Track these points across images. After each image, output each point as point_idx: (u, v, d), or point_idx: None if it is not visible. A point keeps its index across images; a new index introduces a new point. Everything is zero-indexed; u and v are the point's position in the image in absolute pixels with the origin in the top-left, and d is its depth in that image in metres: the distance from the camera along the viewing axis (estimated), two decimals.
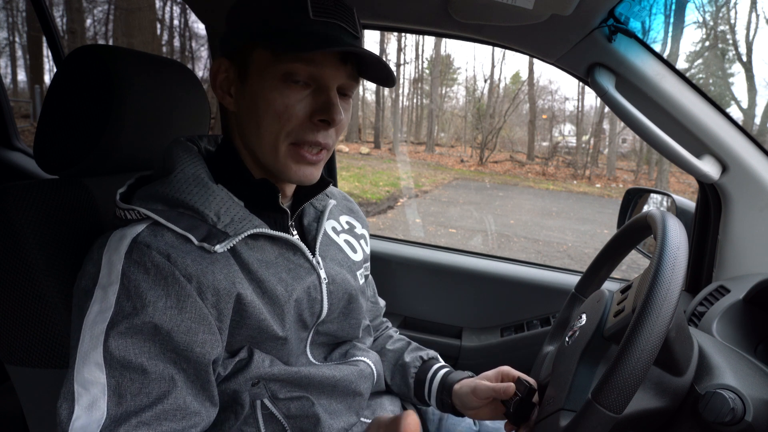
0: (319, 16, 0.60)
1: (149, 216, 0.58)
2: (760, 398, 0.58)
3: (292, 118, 0.61)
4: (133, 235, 0.57)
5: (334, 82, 0.62)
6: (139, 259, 0.55)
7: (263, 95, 0.61)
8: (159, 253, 0.55)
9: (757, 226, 0.99)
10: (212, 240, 0.59)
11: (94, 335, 0.53)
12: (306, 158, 0.63)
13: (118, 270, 0.54)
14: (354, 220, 0.87)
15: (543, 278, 1.40)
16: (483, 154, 12.43)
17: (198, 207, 0.60)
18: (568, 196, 9.64)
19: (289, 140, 0.62)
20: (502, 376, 0.77)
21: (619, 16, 0.92)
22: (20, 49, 10.12)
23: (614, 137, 11.98)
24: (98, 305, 0.54)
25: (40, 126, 0.72)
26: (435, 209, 7.48)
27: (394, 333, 0.97)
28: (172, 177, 0.62)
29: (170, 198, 0.60)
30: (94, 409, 0.51)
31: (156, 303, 0.54)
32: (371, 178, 9.16)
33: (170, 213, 0.59)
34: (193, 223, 0.59)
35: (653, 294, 0.50)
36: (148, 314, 0.53)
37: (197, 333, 0.56)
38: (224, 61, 0.65)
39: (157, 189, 0.61)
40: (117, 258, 0.55)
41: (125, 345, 0.53)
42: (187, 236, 0.58)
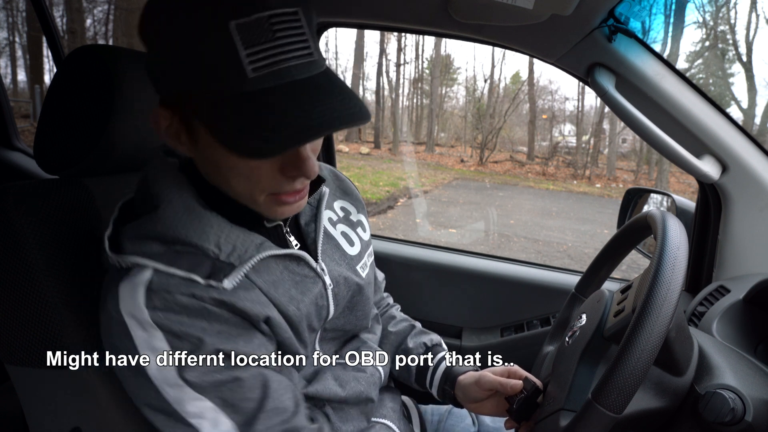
0: (259, 68, 0.47)
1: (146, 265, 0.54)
2: (760, 398, 0.58)
3: (263, 177, 0.54)
4: (144, 284, 0.53)
5: None
6: (163, 306, 0.53)
7: (223, 160, 0.53)
8: (182, 294, 0.53)
9: (757, 226, 0.99)
10: (218, 275, 0.56)
11: (171, 383, 0.53)
12: (288, 201, 0.58)
13: (149, 322, 0.52)
14: (348, 204, 0.81)
15: (543, 278, 1.40)
16: (483, 154, 12.43)
17: (196, 242, 0.56)
18: (568, 196, 9.64)
19: (266, 192, 0.56)
20: (509, 373, 0.76)
21: (619, 16, 0.92)
22: (20, 49, 10.12)
23: (614, 137, 11.98)
24: (153, 358, 0.52)
25: (40, 126, 0.72)
26: (435, 209, 7.48)
27: (396, 312, 0.95)
28: (161, 212, 0.56)
29: (165, 236, 0.55)
30: (220, 424, 0.54)
31: (205, 332, 0.54)
32: (371, 178, 9.16)
33: (168, 254, 0.55)
34: (195, 261, 0.55)
35: (653, 294, 0.50)
36: (205, 344, 0.53)
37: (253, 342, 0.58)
38: (163, 112, 0.55)
39: (146, 228, 0.56)
40: (139, 312, 0.52)
41: (204, 372, 0.53)
42: (191, 278, 0.54)
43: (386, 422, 0.79)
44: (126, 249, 0.55)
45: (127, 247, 0.55)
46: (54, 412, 0.69)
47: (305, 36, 0.50)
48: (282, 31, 0.48)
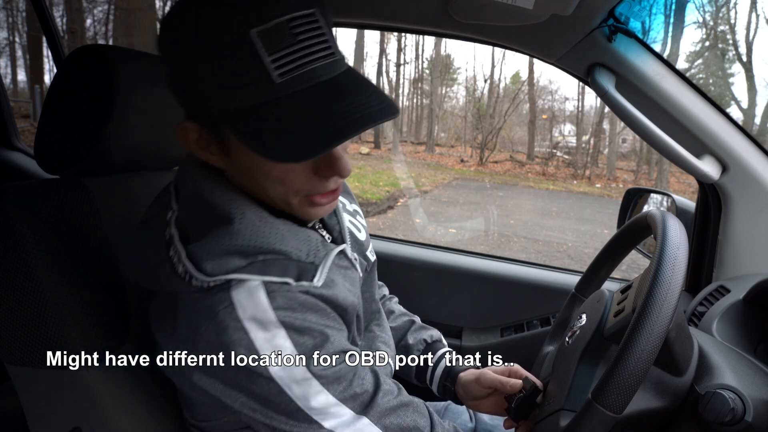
0: (286, 73, 0.47)
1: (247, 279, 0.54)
2: (760, 398, 0.58)
3: (296, 180, 0.54)
4: (260, 286, 0.54)
5: None
6: (285, 305, 0.54)
7: (255, 165, 0.53)
8: (300, 292, 0.56)
9: (757, 226, 0.99)
10: (307, 276, 0.57)
11: (298, 379, 0.54)
12: (321, 203, 0.58)
13: (273, 320, 0.53)
14: (344, 197, 0.82)
15: (543, 278, 1.40)
16: (483, 154, 12.43)
17: (279, 248, 0.56)
18: (568, 196, 9.64)
19: (301, 195, 0.56)
20: (510, 372, 0.77)
21: (619, 16, 0.92)
22: (20, 49, 10.12)
23: (614, 137, 11.98)
24: (276, 359, 0.53)
25: (41, 126, 0.72)
26: (435, 209, 7.48)
27: (395, 306, 0.95)
28: (237, 226, 0.55)
29: (246, 249, 0.54)
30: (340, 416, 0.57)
31: (324, 327, 0.57)
32: (371, 178, 9.16)
33: (256, 264, 0.54)
34: (282, 266, 0.56)
35: (653, 294, 0.51)
36: (329, 340, 0.57)
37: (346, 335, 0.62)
38: (191, 125, 0.55)
39: (225, 243, 0.54)
40: (264, 313, 0.53)
41: (328, 367, 0.56)
42: (286, 282, 0.56)
43: None
44: (209, 267, 0.53)
45: (210, 265, 0.53)
46: (54, 412, 0.69)
47: (325, 36, 0.50)
48: (303, 34, 0.48)
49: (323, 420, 0.56)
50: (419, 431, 0.62)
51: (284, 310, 0.54)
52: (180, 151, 0.89)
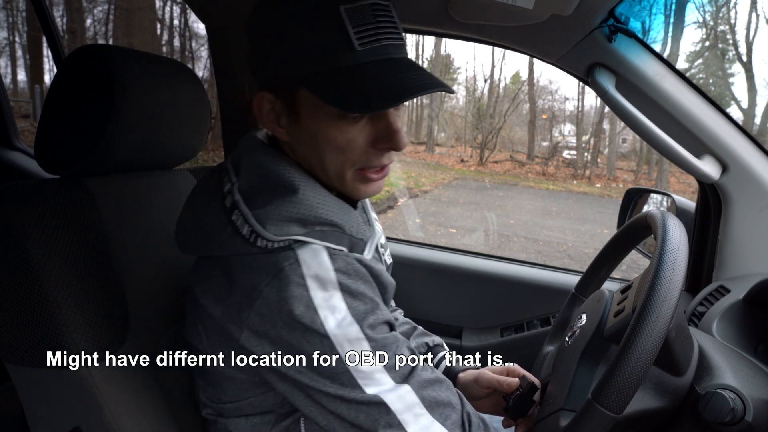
0: (365, 43, 0.55)
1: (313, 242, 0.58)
2: (760, 398, 0.58)
3: (356, 150, 0.60)
4: (322, 249, 0.58)
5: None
6: (344, 269, 0.58)
7: (321, 132, 0.59)
8: (354, 259, 0.60)
9: (757, 226, 0.99)
10: (357, 249, 0.62)
11: (351, 338, 0.56)
12: (372, 178, 0.63)
13: (333, 281, 0.57)
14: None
15: (543, 278, 1.40)
16: (483, 154, 12.43)
17: (336, 220, 0.60)
18: (568, 196, 9.64)
19: (355, 168, 0.61)
20: (508, 371, 0.78)
21: (619, 16, 0.92)
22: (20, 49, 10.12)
23: (614, 137, 11.98)
24: (332, 317, 0.56)
25: (41, 126, 0.72)
26: (435, 209, 7.48)
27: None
28: (300, 196, 0.59)
29: (307, 218, 0.59)
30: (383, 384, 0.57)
31: (374, 298, 0.60)
32: None
33: (312, 233, 0.59)
34: (338, 237, 0.61)
35: (653, 294, 0.51)
36: (379, 307, 0.60)
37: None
38: (267, 95, 0.61)
39: (288, 210, 0.58)
40: (326, 272, 0.57)
41: (378, 330, 0.59)
42: (342, 249, 0.60)
43: None
44: (272, 231, 0.58)
45: (272, 229, 0.58)
46: (54, 412, 0.69)
47: (396, 24, 0.59)
48: (380, 17, 0.57)
49: (366, 386, 0.57)
50: (452, 407, 0.62)
51: (342, 273, 0.57)
52: (180, 150, 0.89)
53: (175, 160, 0.90)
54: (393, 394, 0.57)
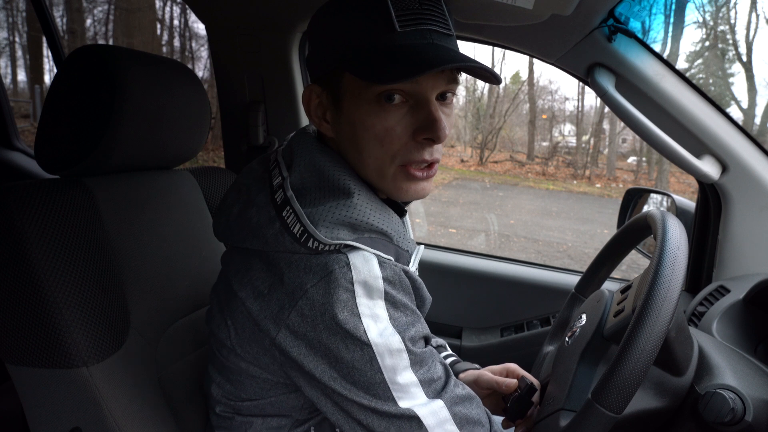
0: (406, 26, 0.55)
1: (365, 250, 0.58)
2: (760, 398, 0.58)
3: (395, 140, 0.58)
4: (374, 257, 0.57)
5: (433, 92, 0.58)
6: (392, 278, 0.57)
7: (360, 120, 0.58)
8: (401, 270, 0.59)
9: (757, 226, 0.99)
10: (402, 260, 0.62)
11: (393, 349, 0.56)
12: (416, 176, 0.60)
13: (380, 290, 0.56)
14: None
15: (543, 278, 1.40)
16: (483, 154, 12.43)
17: (385, 229, 0.60)
18: (568, 196, 9.64)
19: (396, 162, 0.59)
20: (507, 371, 0.78)
21: (619, 16, 0.92)
22: (20, 49, 10.11)
23: (614, 137, 11.98)
24: (374, 325, 0.55)
25: (41, 126, 0.72)
26: (435, 209, 7.48)
27: None
28: (354, 201, 0.58)
29: (357, 223, 0.58)
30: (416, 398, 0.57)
31: (415, 311, 0.60)
32: None
33: (363, 240, 0.58)
34: (385, 247, 0.60)
35: (653, 294, 0.51)
36: (417, 322, 0.59)
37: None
38: (315, 87, 0.62)
39: (341, 214, 0.57)
40: (374, 280, 0.56)
41: (417, 344, 0.58)
42: (390, 258, 0.60)
43: None
44: (322, 232, 0.56)
45: (323, 231, 0.56)
46: (54, 412, 0.69)
47: (446, 17, 0.58)
48: (426, 5, 0.56)
49: (401, 399, 0.56)
50: (482, 425, 0.62)
51: (389, 283, 0.57)
52: (180, 150, 0.89)
53: (175, 160, 0.90)
54: (426, 408, 0.57)
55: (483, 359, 1.38)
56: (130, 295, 0.73)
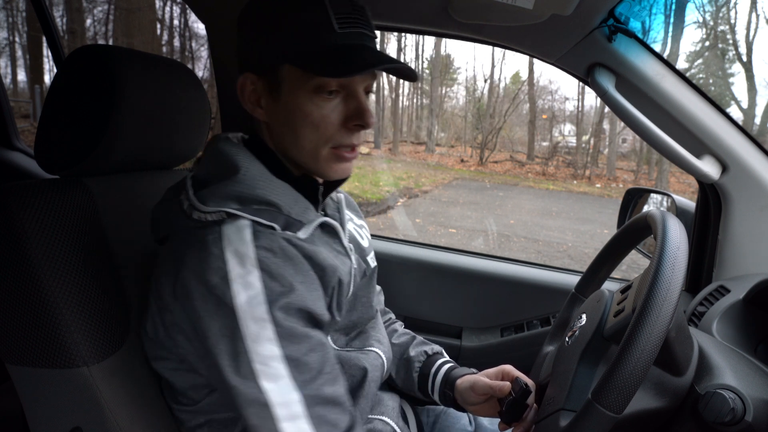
0: (344, 28, 0.63)
1: (243, 216, 0.61)
2: (760, 398, 0.58)
3: (329, 126, 0.65)
4: (248, 225, 0.60)
5: (361, 86, 0.66)
6: (268, 246, 0.59)
7: (299, 108, 0.64)
8: (281, 238, 0.61)
9: (757, 226, 0.99)
10: (292, 228, 0.64)
11: (257, 317, 0.56)
12: (345, 157, 0.68)
13: (252, 257, 0.58)
14: (353, 212, 0.91)
15: (543, 278, 1.40)
16: (483, 154, 12.43)
17: (273, 200, 0.64)
18: (568, 196, 9.64)
19: (329, 145, 0.66)
20: (502, 374, 0.79)
21: (619, 16, 0.92)
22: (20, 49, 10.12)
23: (614, 137, 11.98)
24: (244, 293, 0.56)
25: (41, 126, 0.72)
26: (435, 209, 7.48)
27: (399, 327, 0.98)
28: (241, 176, 0.64)
29: (244, 196, 0.62)
30: (279, 378, 0.56)
31: (294, 279, 0.60)
32: (371, 178, 9.16)
33: (248, 210, 0.62)
34: (273, 215, 0.63)
35: (653, 294, 0.51)
36: (296, 291, 0.59)
37: (321, 301, 0.63)
38: (251, 75, 0.67)
39: (228, 189, 0.63)
40: (246, 248, 0.58)
41: (288, 318, 0.58)
42: (273, 226, 0.62)
43: (385, 419, 0.80)
44: (209, 204, 0.61)
45: (211, 203, 0.62)
46: (54, 412, 0.69)
47: (371, 25, 0.67)
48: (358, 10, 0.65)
49: (262, 373, 0.55)
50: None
51: (265, 250, 0.59)
52: (180, 150, 0.89)
53: (175, 160, 0.90)
54: (281, 397, 0.56)
55: (483, 359, 1.38)
56: (129, 294, 0.73)
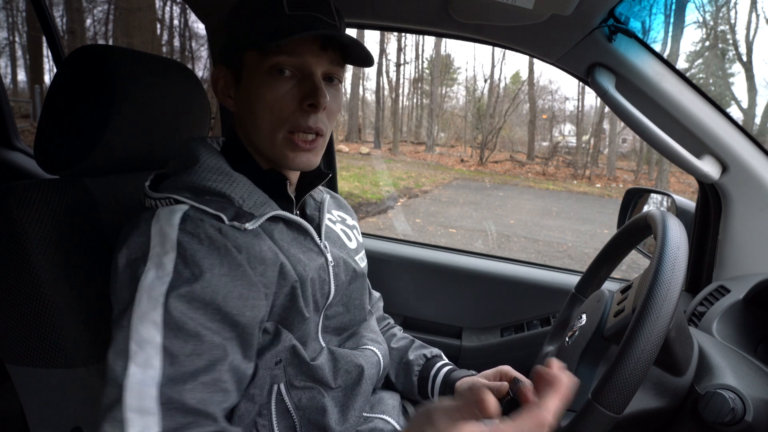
0: (294, 9, 0.64)
1: (184, 202, 0.62)
2: (760, 398, 0.58)
3: (284, 108, 0.66)
4: (183, 210, 0.60)
5: (317, 68, 0.66)
6: (193, 231, 0.59)
7: (255, 91, 0.66)
8: (211, 226, 0.60)
9: (757, 226, 0.99)
10: (241, 219, 0.63)
11: (153, 297, 0.55)
12: (300, 146, 0.67)
13: (173, 240, 0.57)
14: (344, 213, 0.92)
15: (543, 278, 1.40)
16: (483, 154, 12.43)
17: (224, 191, 0.65)
18: (568, 196, 9.64)
19: (285, 129, 0.66)
20: (500, 375, 0.78)
21: (619, 16, 0.92)
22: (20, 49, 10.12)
23: (614, 137, 11.98)
24: (154, 271, 0.56)
25: (41, 126, 0.72)
26: (435, 209, 7.48)
27: (397, 331, 0.98)
28: (197, 168, 0.66)
29: (197, 186, 0.64)
30: (149, 367, 0.53)
31: (212, 270, 0.58)
32: (371, 178, 9.16)
33: (199, 199, 0.63)
34: (222, 206, 0.63)
35: (653, 294, 0.50)
36: (206, 281, 0.57)
37: (248, 299, 0.60)
38: (222, 68, 0.70)
39: (183, 180, 0.65)
40: (170, 229, 0.58)
41: (183, 308, 0.55)
42: (220, 216, 0.62)
43: (386, 418, 0.80)
44: (162, 192, 0.64)
45: (164, 191, 0.64)
46: (54, 412, 0.69)
47: (332, 9, 0.68)
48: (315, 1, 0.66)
49: (135, 355, 0.52)
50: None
51: (188, 235, 0.58)
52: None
53: None
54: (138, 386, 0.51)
55: (483, 359, 1.38)
56: None
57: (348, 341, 0.80)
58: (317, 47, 0.66)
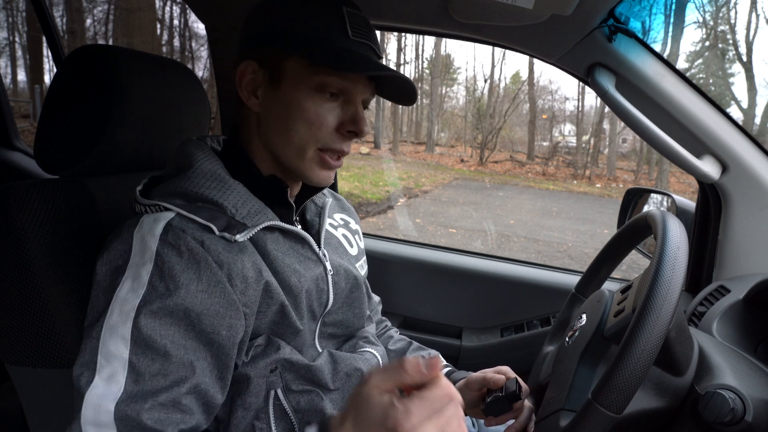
0: (357, 36, 0.64)
1: (171, 209, 0.60)
2: (760, 398, 0.58)
3: (323, 127, 0.64)
4: (167, 219, 0.58)
5: (361, 96, 0.66)
6: (174, 242, 0.57)
7: (298, 102, 0.64)
8: (193, 239, 0.57)
9: (757, 226, 0.99)
10: (232, 230, 0.61)
11: (125, 311, 0.54)
12: (329, 164, 0.67)
13: (152, 250, 0.56)
14: (347, 216, 0.90)
15: (543, 278, 1.40)
16: (483, 154, 12.43)
17: (217, 200, 0.62)
18: (568, 196, 9.64)
19: (317, 146, 0.65)
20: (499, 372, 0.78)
21: (619, 16, 0.92)
22: (20, 49, 10.12)
23: (614, 137, 11.98)
24: (130, 282, 0.55)
25: (41, 126, 0.72)
26: (435, 209, 7.48)
27: (394, 333, 0.98)
28: (190, 173, 0.63)
29: (189, 193, 0.62)
30: (113, 382, 0.53)
31: (188, 286, 0.56)
32: (371, 178, 9.16)
33: (190, 207, 0.61)
34: (213, 215, 0.61)
35: (653, 294, 0.50)
36: (180, 296, 0.55)
37: (224, 317, 0.58)
38: (252, 63, 0.66)
39: (175, 185, 0.63)
40: (151, 239, 0.57)
41: (153, 325, 0.54)
42: (209, 226, 0.60)
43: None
44: (153, 198, 0.62)
45: (155, 197, 0.62)
46: (54, 412, 0.69)
47: (378, 44, 0.68)
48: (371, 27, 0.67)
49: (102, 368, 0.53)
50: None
51: (168, 246, 0.56)
52: None
53: None
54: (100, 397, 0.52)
55: (483, 359, 1.38)
56: None
57: (344, 345, 0.80)
58: (366, 78, 0.66)
